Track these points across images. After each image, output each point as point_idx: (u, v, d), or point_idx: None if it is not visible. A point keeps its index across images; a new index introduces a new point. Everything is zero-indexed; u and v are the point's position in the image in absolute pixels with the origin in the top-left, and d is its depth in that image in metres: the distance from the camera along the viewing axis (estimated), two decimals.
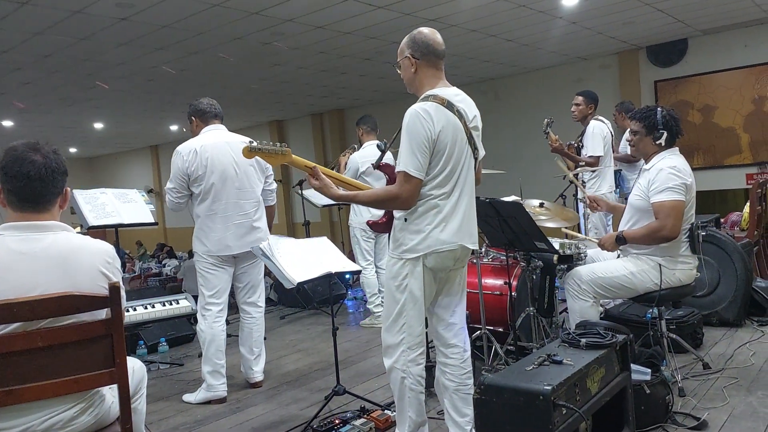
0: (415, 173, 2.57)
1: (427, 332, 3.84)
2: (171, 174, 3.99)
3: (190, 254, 13.18)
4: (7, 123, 11.82)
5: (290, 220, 15.01)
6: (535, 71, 10.55)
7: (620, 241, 3.60)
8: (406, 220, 2.68)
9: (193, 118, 4.14)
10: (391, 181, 2.91)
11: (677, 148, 3.62)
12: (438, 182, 2.64)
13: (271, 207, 4.33)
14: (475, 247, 2.80)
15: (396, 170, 2.65)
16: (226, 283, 4.10)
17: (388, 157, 5.00)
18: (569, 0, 6.63)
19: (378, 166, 3.01)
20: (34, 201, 2.00)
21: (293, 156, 2.80)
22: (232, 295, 4.25)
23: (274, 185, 4.31)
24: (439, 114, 2.60)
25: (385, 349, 2.79)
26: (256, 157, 4.01)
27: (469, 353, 2.90)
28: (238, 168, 4.00)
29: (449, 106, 2.65)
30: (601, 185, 5.31)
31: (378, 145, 4.16)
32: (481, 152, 2.87)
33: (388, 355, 2.77)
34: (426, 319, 2.82)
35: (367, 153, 5.66)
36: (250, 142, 2.75)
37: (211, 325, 4.01)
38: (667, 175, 3.47)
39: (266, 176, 4.21)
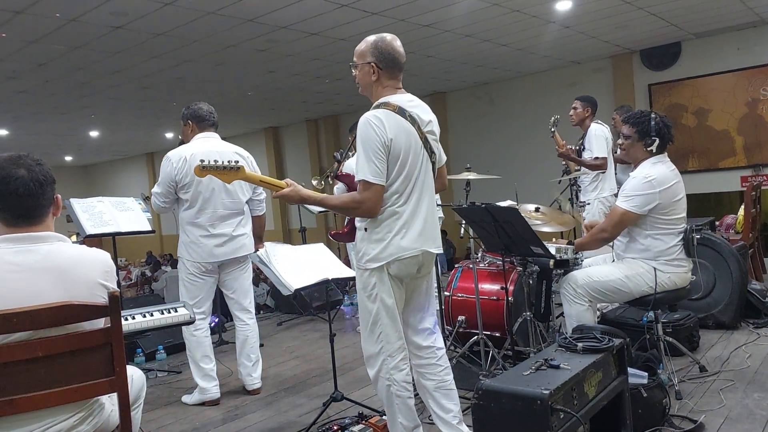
0: (373, 179, 2.56)
1: None
2: (159, 179, 3.97)
3: (174, 264, 13.14)
4: (2, 131, 11.81)
5: (286, 227, 15.02)
6: (529, 75, 10.59)
7: (571, 245, 3.75)
8: (366, 229, 2.67)
9: (189, 121, 4.09)
10: (350, 191, 2.91)
11: (665, 155, 3.63)
12: (395, 189, 2.63)
13: (260, 217, 4.30)
14: (439, 251, 2.80)
15: (356, 179, 2.64)
16: (208, 292, 4.10)
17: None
18: (562, 4, 6.67)
19: (336, 175, 3.02)
20: (27, 216, 1.99)
21: (247, 172, 2.77)
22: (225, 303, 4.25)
23: (263, 195, 4.26)
24: (391, 120, 2.60)
25: (367, 360, 2.80)
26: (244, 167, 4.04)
27: (443, 350, 2.90)
28: None
29: (401, 111, 2.65)
30: (603, 188, 5.33)
31: (334, 156, 4.15)
32: (441, 157, 2.87)
33: (371, 365, 2.78)
34: None
35: None
36: (201, 161, 2.70)
37: (193, 333, 4.03)
38: (634, 183, 3.52)
39: (255, 186, 4.18)
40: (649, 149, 3.56)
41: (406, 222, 2.65)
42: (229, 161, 2.73)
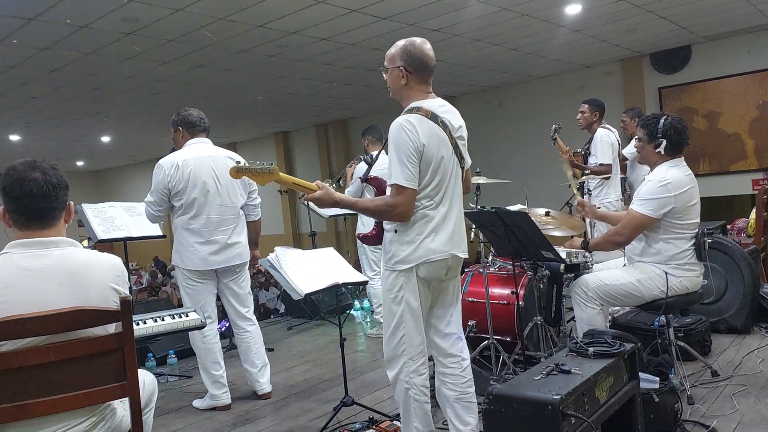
0: (406, 183, 2.58)
1: None
2: (152, 187, 3.94)
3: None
4: (15, 137, 11.90)
5: (296, 231, 15.03)
6: (539, 79, 10.57)
7: (584, 246, 3.75)
8: (396, 231, 2.69)
9: (180, 128, 4.08)
10: (379, 194, 2.92)
11: (682, 158, 3.61)
12: (427, 193, 2.66)
13: (255, 222, 4.27)
14: (466, 255, 2.81)
15: (388, 183, 2.66)
16: (209, 296, 4.08)
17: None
18: (572, 8, 6.65)
19: (366, 179, 3.02)
20: (39, 218, 2.02)
21: (281, 174, 2.78)
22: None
23: (258, 200, 4.25)
24: (423, 126, 2.62)
25: (388, 361, 2.81)
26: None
27: (468, 361, 2.90)
28: (219, 183, 3.96)
29: (433, 117, 2.66)
30: (608, 193, 5.31)
31: (365, 159, 4.14)
32: (468, 161, 2.88)
33: (391, 367, 2.79)
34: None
35: None
36: (237, 162, 2.72)
37: (202, 340, 4.03)
38: (649, 186, 3.52)
39: (249, 191, 4.16)
40: (657, 151, 3.56)
41: (437, 226, 2.67)
42: (262, 163, 2.75)
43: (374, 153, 3.82)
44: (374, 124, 6.04)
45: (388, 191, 2.69)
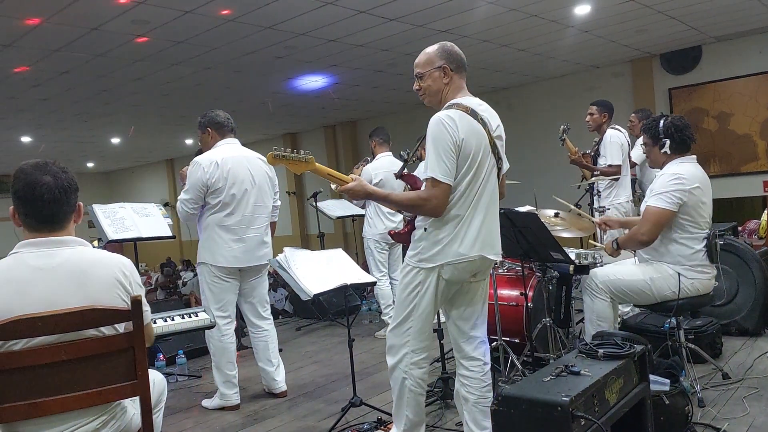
0: (442, 178, 2.55)
1: (442, 344, 3.84)
2: (187, 185, 3.95)
3: None
4: (26, 139, 11.98)
5: (304, 232, 15.06)
6: (548, 80, 10.55)
7: (615, 245, 3.70)
8: (426, 229, 2.67)
9: (209, 129, 4.11)
10: (413, 190, 2.92)
11: (694, 156, 3.60)
12: (460, 191, 2.63)
13: (273, 223, 4.33)
14: (498, 258, 2.77)
15: (423, 177, 2.65)
16: (232, 295, 4.10)
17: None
18: (581, 9, 6.64)
19: (400, 175, 3.01)
20: (49, 222, 2.03)
21: (317, 164, 2.81)
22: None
23: (279, 202, 4.32)
24: (464, 121, 2.61)
25: (389, 348, 2.81)
26: (268, 172, 4.07)
27: (489, 366, 2.88)
28: (254, 182, 4.05)
29: (473, 114, 2.65)
30: (618, 194, 5.29)
31: (401, 155, 4.15)
32: (506, 164, 2.86)
33: (392, 354, 2.79)
34: (442, 330, 2.80)
35: (380, 164, 5.69)
36: (274, 149, 2.76)
37: (220, 339, 4.04)
38: (663, 180, 3.52)
39: (274, 192, 4.24)
40: (663, 151, 3.58)
41: (467, 226, 2.64)
42: (299, 151, 2.78)
43: (408, 150, 3.83)
44: (382, 126, 6.05)
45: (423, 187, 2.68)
